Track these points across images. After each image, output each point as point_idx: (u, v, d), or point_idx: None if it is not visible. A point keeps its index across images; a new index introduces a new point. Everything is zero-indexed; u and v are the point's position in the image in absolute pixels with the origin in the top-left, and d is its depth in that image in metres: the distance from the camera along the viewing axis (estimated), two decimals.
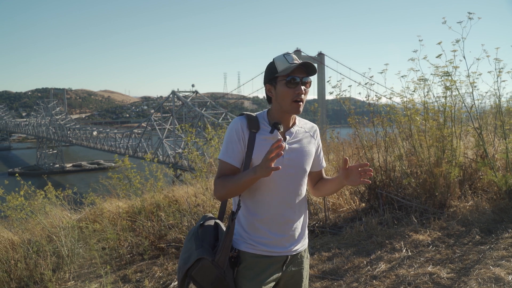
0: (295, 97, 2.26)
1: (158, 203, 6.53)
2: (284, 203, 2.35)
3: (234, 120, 2.37)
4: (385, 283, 3.97)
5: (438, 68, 5.57)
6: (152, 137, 69.76)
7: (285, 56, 2.30)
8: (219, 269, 2.26)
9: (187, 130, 7.39)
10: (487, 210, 5.21)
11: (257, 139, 2.31)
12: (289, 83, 2.26)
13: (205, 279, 2.28)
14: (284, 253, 2.37)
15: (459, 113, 5.81)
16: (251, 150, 2.29)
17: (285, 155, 2.31)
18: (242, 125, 2.33)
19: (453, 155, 5.53)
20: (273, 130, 2.31)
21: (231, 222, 2.32)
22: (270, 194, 2.33)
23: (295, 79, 2.25)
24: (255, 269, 2.32)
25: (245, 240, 2.35)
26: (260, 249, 2.33)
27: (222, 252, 2.27)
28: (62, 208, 6.67)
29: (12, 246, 5.61)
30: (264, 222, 2.34)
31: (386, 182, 5.86)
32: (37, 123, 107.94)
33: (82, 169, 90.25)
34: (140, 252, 5.60)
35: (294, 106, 2.28)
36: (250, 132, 2.31)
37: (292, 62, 2.27)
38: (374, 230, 5.16)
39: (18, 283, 5.10)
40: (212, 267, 2.26)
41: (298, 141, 2.39)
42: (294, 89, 2.25)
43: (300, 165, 2.38)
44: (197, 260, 2.28)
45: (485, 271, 3.89)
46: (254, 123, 2.34)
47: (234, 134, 2.32)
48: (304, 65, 2.28)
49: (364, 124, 6.36)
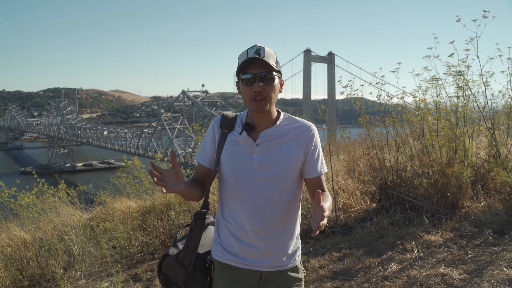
0: (253, 95, 2.06)
1: (169, 203, 6.55)
2: (255, 210, 2.14)
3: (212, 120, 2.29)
4: (396, 283, 3.94)
5: (450, 67, 5.53)
6: (162, 137, 70.11)
7: (247, 50, 2.09)
8: (186, 268, 2.22)
9: (198, 129, 7.39)
10: (499, 211, 5.16)
11: (228, 139, 2.19)
12: (243, 80, 2.09)
13: (177, 277, 2.25)
14: (256, 267, 2.17)
15: (471, 113, 5.76)
16: (220, 150, 2.19)
17: (255, 157, 2.13)
18: (215, 125, 2.25)
19: (465, 155, 5.48)
20: (242, 131, 2.17)
21: (194, 222, 2.27)
22: (238, 200, 2.16)
23: (250, 77, 2.06)
24: (223, 280, 2.19)
25: (217, 247, 2.24)
26: (228, 258, 2.19)
27: (186, 251, 2.24)
28: (73, 207, 6.72)
29: (24, 244, 5.65)
30: (234, 230, 2.18)
31: (397, 182, 5.82)
32: (48, 123, 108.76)
33: (92, 169, 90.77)
34: (151, 251, 5.62)
35: (253, 104, 2.08)
36: (222, 132, 2.21)
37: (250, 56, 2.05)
38: (385, 231, 5.13)
39: (30, 281, 5.13)
40: (177, 265, 2.23)
41: (276, 143, 2.16)
42: (251, 86, 2.07)
43: (276, 169, 2.13)
44: (163, 256, 2.29)
45: (498, 273, 3.85)
46: (228, 123, 2.23)
47: (208, 134, 2.26)
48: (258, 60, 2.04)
49: (375, 124, 6.33)
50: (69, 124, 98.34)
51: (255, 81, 2.05)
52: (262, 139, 2.15)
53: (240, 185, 2.15)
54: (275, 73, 2.09)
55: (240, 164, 2.14)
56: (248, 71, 2.07)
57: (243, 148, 2.16)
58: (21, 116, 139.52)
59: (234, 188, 2.17)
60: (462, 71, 5.46)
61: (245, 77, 2.07)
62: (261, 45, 2.10)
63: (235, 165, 2.15)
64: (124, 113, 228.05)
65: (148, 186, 6.66)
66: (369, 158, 6.62)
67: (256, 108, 2.09)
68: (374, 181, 6.19)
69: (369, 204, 6.08)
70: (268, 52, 2.08)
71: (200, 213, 2.28)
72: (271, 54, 2.10)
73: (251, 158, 2.13)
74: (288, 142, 2.17)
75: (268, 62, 2.05)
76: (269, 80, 2.07)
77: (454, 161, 5.46)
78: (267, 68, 2.06)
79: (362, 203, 6.10)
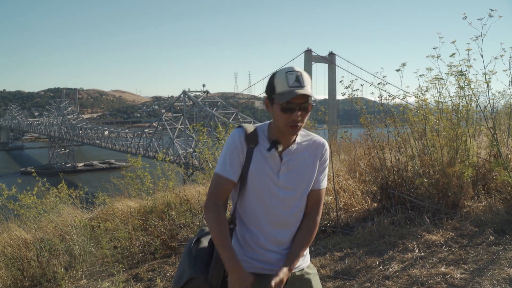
0: (290, 123, 2.14)
1: (170, 203, 6.55)
2: (278, 224, 2.28)
3: (232, 133, 2.28)
4: (397, 283, 3.94)
5: (452, 67, 5.52)
6: (163, 137, 70.03)
7: (286, 75, 2.12)
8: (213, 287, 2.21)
9: (199, 129, 7.39)
10: (500, 211, 5.15)
11: (255, 153, 2.24)
12: (284, 109, 2.13)
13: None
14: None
15: (472, 113, 5.76)
16: (248, 166, 2.22)
17: (281, 175, 2.24)
18: (240, 139, 2.24)
19: (466, 155, 5.47)
20: (271, 148, 2.22)
21: None
22: (263, 215, 2.27)
23: (292, 106, 2.12)
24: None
25: (242, 257, 2.26)
26: (256, 266, 2.26)
27: (215, 270, 2.21)
28: (74, 207, 6.72)
29: (25, 244, 5.66)
30: (258, 241, 2.28)
31: (398, 182, 5.82)
32: (49, 123, 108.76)
33: (93, 169, 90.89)
34: (152, 251, 5.62)
35: (288, 129, 2.16)
36: (248, 146, 2.24)
37: (292, 85, 2.10)
38: (386, 230, 5.13)
39: (31, 281, 5.14)
40: (205, 286, 2.21)
41: (297, 160, 2.28)
42: (290, 115, 2.13)
43: (297, 187, 2.28)
44: (189, 279, 2.23)
45: (499, 272, 3.85)
46: (252, 137, 2.26)
47: (233, 146, 2.24)
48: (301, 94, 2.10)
49: (376, 124, 6.32)
50: (70, 124, 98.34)
51: (295, 111, 2.13)
52: (286, 158, 2.26)
53: (265, 202, 2.26)
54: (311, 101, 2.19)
55: (268, 180, 2.24)
56: (289, 100, 2.11)
57: (269, 166, 2.25)
58: (22, 116, 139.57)
59: (258, 202, 2.27)
60: (464, 71, 5.46)
61: (285, 106, 2.12)
62: (297, 69, 2.16)
63: (263, 180, 2.24)
64: (125, 113, 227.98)
65: (150, 185, 6.66)
66: (370, 158, 6.62)
67: (291, 133, 2.19)
68: (375, 181, 6.19)
69: (370, 204, 6.08)
70: (307, 79, 2.14)
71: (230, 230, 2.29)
72: (308, 81, 2.16)
73: (278, 176, 2.24)
74: (306, 160, 2.30)
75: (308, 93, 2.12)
76: (307, 109, 2.17)
77: (455, 161, 5.45)
78: (306, 98, 2.14)
79: (363, 203, 6.10)
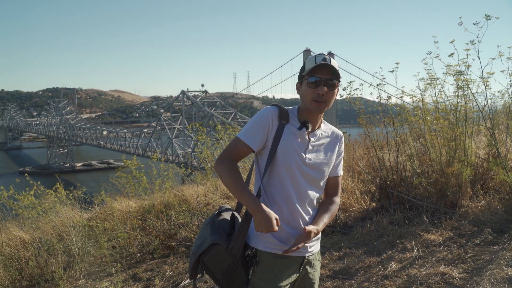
0: (315, 97, 2.25)
1: (168, 203, 6.55)
2: (302, 200, 2.33)
3: (266, 108, 2.36)
4: (396, 282, 3.94)
5: (450, 67, 5.52)
6: (162, 137, 69.99)
7: (315, 57, 2.28)
8: (233, 257, 2.23)
9: (198, 129, 7.39)
10: (499, 210, 5.16)
11: (286, 130, 2.31)
12: (310, 83, 2.26)
13: (218, 267, 2.25)
14: (302, 253, 2.36)
15: (471, 113, 5.76)
16: (278, 140, 2.28)
17: (307, 154, 2.33)
18: (273, 114, 2.32)
19: (465, 155, 5.48)
20: (301, 127, 2.31)
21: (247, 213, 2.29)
22: (292, 189, 2.31)
23: (316, 79, 2.24)
24: (274, 271, 2.28)
25: (264, 237, 2.28)
26: (280, 247, 2.27)
27: (238, 239, 2.25)
28: (72, 207, 6.71)
29: (23, 244, 5.64)
30: (286, 220, 2.30)
31: (397, 182, 5.82)
32: (47, 123, 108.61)
33: (92, 169, 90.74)
34: (150, 251, 5.62)
35: (313, 105, 2.27)
36: (280, 122, 2.31)
37: (318, 63, 2.25)
38: (385, 230, 5.13)
39: (30, 281, 5.13)
40: (225, 254, 2.23)
41: (321, 144, 2.39)
42: (315, 89, 2.25)
43: (320, 167, 2.37)
44: (211, 245, 2.25)
45: (498, 271, 3.85)
46: (285, 115, 2.34)
47: (263, 120, 2.31)
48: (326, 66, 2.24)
49: (375, 124, 6.32)
50: (69, 124, 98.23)
51: (320, 85, 2.25)
52: (313, 138, 2.37)
53: (292, 175, 2.30)
54: (337, 80, 2.29)
55: (296, 155, 2.30)
56: (314, 75, 2.25)
57: (298, 143, 2.32)
58: (20, 116, 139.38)
59: (286, 178, 2.31)
60: (462, 71, 5.46)
61: (311, 80, 2.26)
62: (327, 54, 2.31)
63: (293, 155, 2.30)
64: (123, 113, 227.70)
65: (146, 186, 6.65)
66: (369, 158, 6.62)
67: (316, 109, 2.28)
68: (373, 181, 6.19)
69: (369, 203, 6.09)
70: (334, 62, 2.29)
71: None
72: (335, 63, 2.30)
73: (305, 153, 2.32)
74: (329, 146, 2.43)
75: (333, 66, 2.25)
76: (332, 86, 2.28)
77: (453, 161, 5.46)
78: (332, 75, 2.26)
79: (362, 202, 6.10)
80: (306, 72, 2.28)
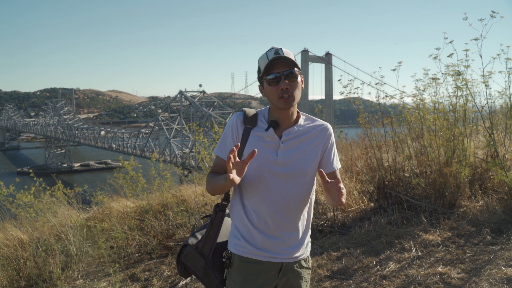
0: (280, 93, 2.17)
1: (166, 203, 6.54)
2: (277, 204, 2.24)
3: (232, 115, 2.34)
4: (394, 283, 3.94)
5: (449, 67, 5.53)
6: (160, 137, 69.96)
7: (266, 53, 2.21)
8: (206, 257, 2.31)
9: (195, 129, 7.38)
10: (497, 210, 5.16)
11: (252, 134, 2.26)
12: (270, 81, 2.18)
13: (195, 266, 2.35)
14: (278, 259, 2.26)
15: (469, 113, 5.76)
16: (243, 145, 2.24)
17: (280, 154, 2.23)
18: (237, 120, 2.30)
19: (463, 155, 5.48)
20: (268, 127, 2.25)
21: (215, 215, 2.37)
22: (261, 194, 2.24)
23: (276, 75, 2.16)
24: (245, 275, 2.25)
25: (237, 241, 2.28)
26: (253, 252, 2.24)
27: (206, 241, 2.34)
28: (70, 207, 6.70)
29: (21, 244, 5.63)
30: (256, 223, 2.25)
31: (395, 182, 5.83)
32: (45, 123, 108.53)
33: (90, 169, 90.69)
34: (148, 251, 5.61)
35: (281, 101, 2.18)
36: (245, 127, 2.27)
37: (271, 58, 2.17)
38: (383, 230, 5.13)
39: (27, 281, 5.12)
40: (196, 254, 2.33)
41: (298, 140, 2.27)
42: (277, 85, 2.17)
43: (297, 165, 2.24)
44: (183, 246, 2.39)
45: (497, 272, 3.85)
46: (251, 118, 2.29)
47: (229, 128, 2.31)
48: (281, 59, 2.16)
49: (373, 124, 6.32)
50: (66, 124, 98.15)
51: (281, 80, 2.16)
52: (286, 137, 2.25)
53: (263, 179, 2.23)
54: (297, 69, 2.20)
55: (264, 159, 2.22)
56: (272, 72, 2.17)
57: (267, 144, 2.25)
58: (18, 116, 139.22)
59: (256, 183, 2.24)
60: (461, 71, 5.46)
61: (270, 78, 2.18)
62: (277, 46, 2.23)
63: (259, 160, 2.21)
64: (121, 113, 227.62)
65: (144, 186, 6.64)
66: (367, 158, 6.62)
67: (284, 105, 2.18)
68: (372, 181, 6.19)
69: (367, 203, 6.08)
70: (287, 51, 2.21)
71: (221, 205, 2.39)
72: (289, 53, 2.22)
73: (276, 154, 2.22)
74: (309, 140, 2.29)
75: (287, 58, 2.16)
76: (293, 77, 2.18)
77: (452, 161, 5.46)
78: (289, 66, 2.17)
79: (360, 202, 6.10)
80: (263, 71, 2.19)
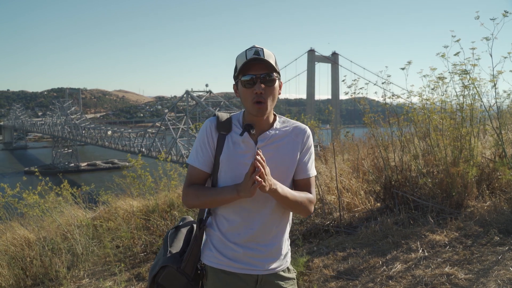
0: (254, 98, 2.03)
1: (172, 202, 6.54)
2: (253, 214, 2.13)
3: (205, 122, 2.20)
4: (401, 283, 3.92)
5: (456, 66, 5.49)
6: (166, 137, 70.17)
7: (246, 52, 2.05)
8: (187, 276, 2.17)
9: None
10: (505, 211, 5.12)
11: (226, 141, 2.13)
12: (244, 82, 2.04)
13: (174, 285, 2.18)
14: (253, 271, 2.15)
15: (477, 112, 5.72)
16: (219, 152, 2.12)
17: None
18: (211, 127, 2.17)
19: (470, 155, 5.44)
20: (243, 132, 2.11)
21: (199, 231, 2.22)
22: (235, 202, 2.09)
23: (252, 76, 2.02)
24: (218, 286, 2.16)
25: (209, 252, 2.19)
26: (225, 263, 2.15)
27: (189, 260, 2.18)
28: (76, 206, 6.72)
29: (28, 243, 5.66)
30: (231, 234, 2.15)
31: (402, 182, 5.79)
32: (52, 123, 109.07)
33: (96, 168, 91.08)
34: (154, 251, 5.61)
35: (254, 108, 2.04)
36: (219, 134, 2.14)
37: (250, 58, 2.01)
38: (389, 230, 5.10)
39: (34, 280, 5.14)
40: (178, 274, 2.16)
41: (275, 146, 2.14)
42: (251, 88, 2.03)
43: (275, 173, 2.06)
44: (161, 267, 2.19)
45: (504, 273, 3.81)
46: (224, 124, 2.17)
47: (202, 135, 2.18)
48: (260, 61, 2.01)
49: (380, 124, 6.29)
50: (73, 124, 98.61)
51: (256, 83, 2.02)
52: (262, 142, 2.13)
53: None
54: (275, 74, 2.06)
55: (240, 167, 2.09)
56: (248, 73, 2.03)
57: (242, 151, 2.13)
58: (26, 116, 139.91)
59: None
60: (468, 70, 5.42)
61: (245, 79, 2.04)
62: (259, 46, 2.07)
63: (235, 167, 2.11)
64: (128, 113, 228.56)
65: (151, 185, 6.65)
66: (374, 158, 6.59)
67: (258, 112, 2.06)
68: (378, 181, 6.16)
69: (374, 203, 6.06)
70: (268, 53, 2.06)
71: (205, 220, 2.24)
72: (270, 55, 2.07)
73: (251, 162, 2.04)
74: (285, 146, 2.16)
75: (267, 61, 2.02)
76: (270, 82, 2.05)
77: (459, 161, 5.42)
78: (267, 69, 2.03)
79: (367, 202, 6.07)
80: (238, 71, 2.06)
